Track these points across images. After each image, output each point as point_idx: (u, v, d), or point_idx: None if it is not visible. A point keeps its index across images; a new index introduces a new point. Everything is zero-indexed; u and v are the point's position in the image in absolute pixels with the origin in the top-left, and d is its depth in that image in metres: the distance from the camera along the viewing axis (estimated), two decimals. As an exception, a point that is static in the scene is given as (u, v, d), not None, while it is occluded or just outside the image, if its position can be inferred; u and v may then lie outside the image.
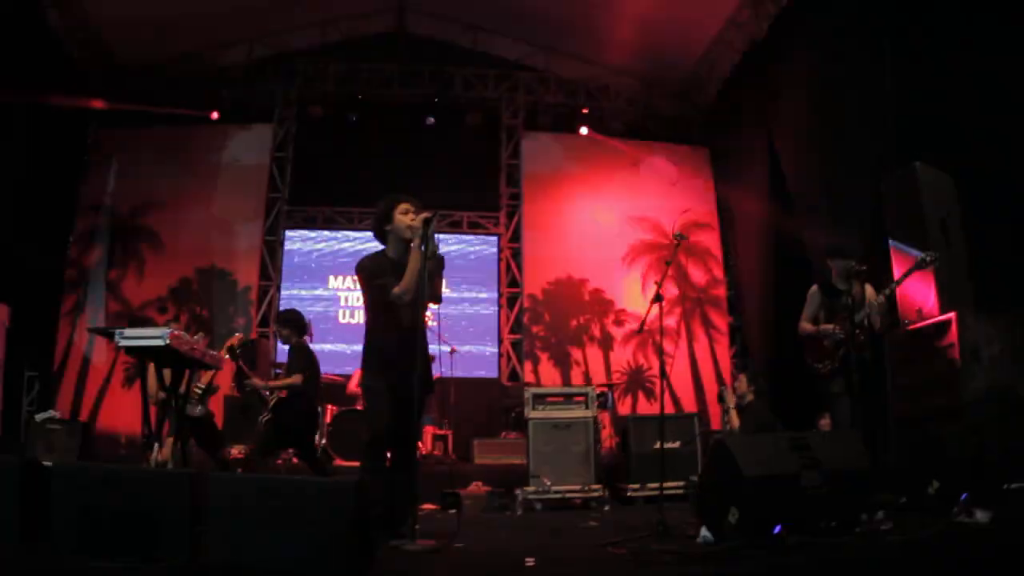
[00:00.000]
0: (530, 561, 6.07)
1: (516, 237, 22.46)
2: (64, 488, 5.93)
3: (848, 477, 6.49)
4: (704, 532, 6.52)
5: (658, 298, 8.56)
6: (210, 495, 5.58)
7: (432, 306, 7.98)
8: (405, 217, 7.73)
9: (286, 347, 12.33)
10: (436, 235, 7.70)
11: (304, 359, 11.71)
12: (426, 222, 7.50)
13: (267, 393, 11.92)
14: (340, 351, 20.45)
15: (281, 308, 20.91)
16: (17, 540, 5.87)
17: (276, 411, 11.63)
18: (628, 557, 6.15)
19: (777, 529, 5.92)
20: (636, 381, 21.20)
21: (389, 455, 7.68)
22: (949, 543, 5.96)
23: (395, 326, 7.67)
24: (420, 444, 16.03)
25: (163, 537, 5.51)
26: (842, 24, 15.19)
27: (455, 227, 22.68)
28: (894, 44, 13.45)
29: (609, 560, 6.19)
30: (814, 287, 10.61)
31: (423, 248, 7.48)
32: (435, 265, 7.68)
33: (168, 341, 8.46)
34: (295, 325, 12.00)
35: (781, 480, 6.12)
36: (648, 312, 8.74)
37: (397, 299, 7.50)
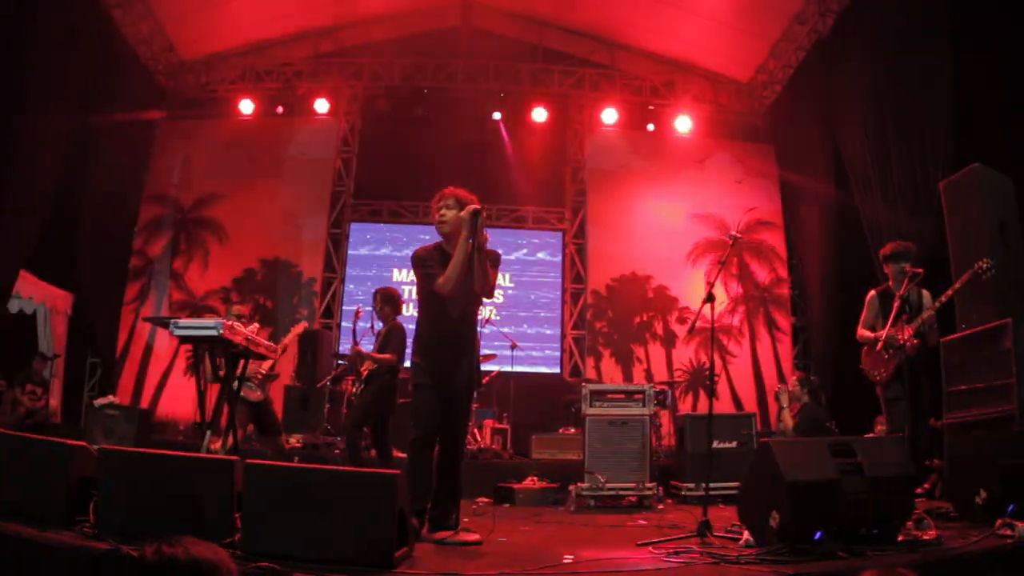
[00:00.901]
0: (568, 558, 6.05)
1: (581, 233, 22.46)
2: (109, 472, 5.99)
3: (891, 484, 6.39)
4: (746, 535, 6.49)
5: (709, 298, 8.49)
6: (251, 483, 5.59)
7: (486, 300, 7.99)
8: (453, 211, 7.69)
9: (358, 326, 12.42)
10: (489, 229, 7.69)
11: (400, 340, 11.77)
12: (473, 214, 7.46)
13: (361, 367, 12.01)
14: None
15: (344, 300, 21.14)
16: (63, 523, 5.93)
17: (367, 383, 11.69)
18: (664, 557, 6.11)
19: (818, 535, 5.87)
20: (698, 379, 21.09)
21: (436, 449, 7.67)
22: (984, 557, 5.88)
23: (442, 318, 7.66)
24: (479, 437, 16.11)
25: (206, 523, 5.54)
26: (904, 21, 15.08)
27: (520, 222, 22.70)
28: (955, 41, 13.34)
29: (646, 559, 6.16)
30: (872, 292, 10.52)
31: (471, 240, 7.44)
32: (485, 258, 7.61)
33: (221, 331, 8.52)
34: (394, 303, 12.07)
35: (822, 485, 6.05)
36: (699, 312, 8.69)
37: (441, 289, 7.48)
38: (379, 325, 12.32)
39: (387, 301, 12.09)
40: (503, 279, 20.33)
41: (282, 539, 5.43)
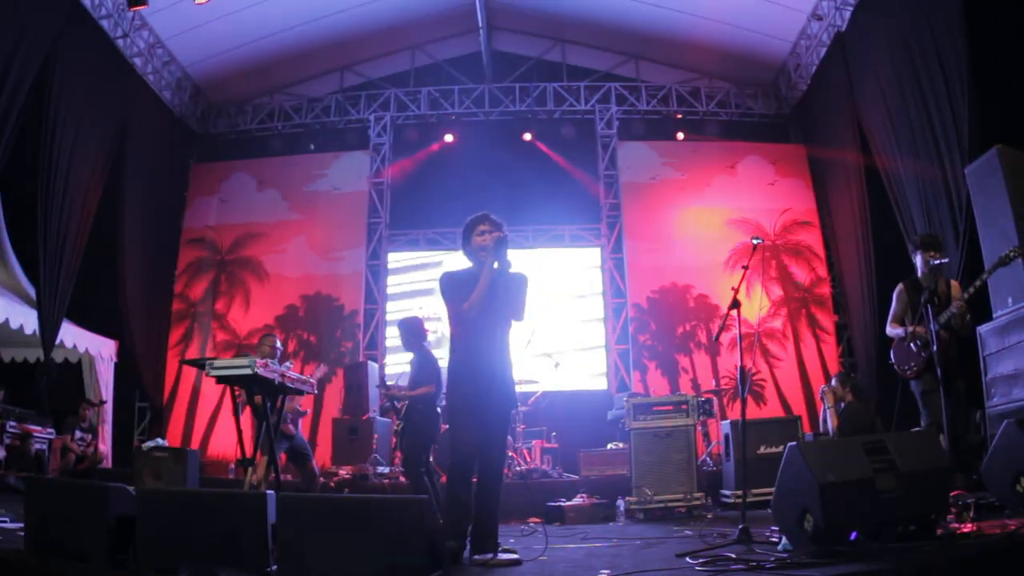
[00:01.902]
0: (604, 573, 6.05)
1: (618, 247, 22.44)
2: (147, 511, 6.10)
3: (926, 479, 6.32)
4: (784, 540, 6.48)
5: (734, 305, 8.46)
6: (285, 515, 5.67)
7: (519, 322, 8.03)
8: (481, 238, 7.75)
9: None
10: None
11: (432, 368, 11.79)
12: (498, 242, 7.59)
13: (399, 404, 12.09)
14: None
15: (387, 330, 21.37)
16: (105, 561, 6.05)
17: (406, 419, 11.75)
18: (700, 568, 6.10)
19: (853, 536, 5.84)
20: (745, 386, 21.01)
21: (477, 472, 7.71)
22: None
23: (472, 342, 7.72)
24: (528, 458, 16.11)
25: (243, 556, 5.61)
26: (919, 6, 15.05)
27: (557, 241, 22.76)
28: (973, 24, 13.28)
29: (679, 571, 6.14)
30: (900, 285, 10.37)
31: (495, 265, 7.58)
32: (511, 283, 7.73)
33: (256, 370, 8.62)
34: (416, 332, 12.10)
35: (855, 485, 5.99)
36: (724, 319, 8.66)
37: (466, 313, 7.56)
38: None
39: (409, 332, 12.13)
40: (540, 299, 20.30)
41: (317, 568, 5.49)
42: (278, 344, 12.75)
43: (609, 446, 16.22)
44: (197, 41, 20.10)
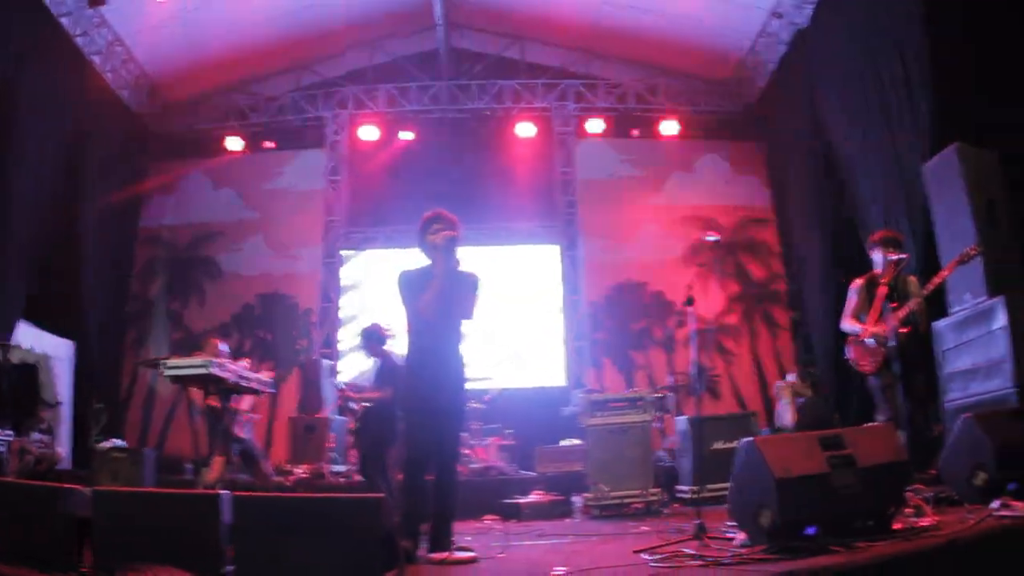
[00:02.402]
0: (559, 570, 6.04)
1: (574, 244, 22.44)
2: (102, 512, 6.05)
3: (884, 473, 6.34)
4: (741, 535, 6.50)
5: (688, 302, 8.51)
6: (240, 515, 5.64)
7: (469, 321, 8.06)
8: (435, 236, 7.81)
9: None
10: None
11: (394, 372, 11.80)
12: (448, 241, 7.68)
13: (356, 405, 12.12)
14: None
15: (342, 329, 21.41)
16: (62, 563, 6.01)
17: (363, 421, 11.75)
18: (655, 563, 6.11)
19: (810, 530, 5.86)
20: (700, 382, 21.09)
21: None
22: (984, 539, 5.86)
23: (425, 340, 7.83)
24: (485, 455, 16.13)
25: (197, 557, 5.58)
26: (880, 4, 15.13)
27: (513, 238, 22.76)
28: (933, 21, 13.34)
29: (635, 567, 6.15)
30: (857, 281, 10.43)
31: (445, 265, 7.69)
32: (462, 283, 7.84)
33: (211, 369, 8.61)
34: (377, 338, 12.09)
35: (812, 480, 6.00)
36: (682, 316, 8.75)
37: (421, 313, 7.66)
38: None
39: (369, 338, 12.16)
40: (500, 296, 20.27)
41: (273, 568, 5.46)
42: (222, 348, 12.71)
43: (564, 442, 16.23)
44: (155, 39, 19.95)
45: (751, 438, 6.51)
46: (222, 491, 5.95)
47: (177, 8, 18.87)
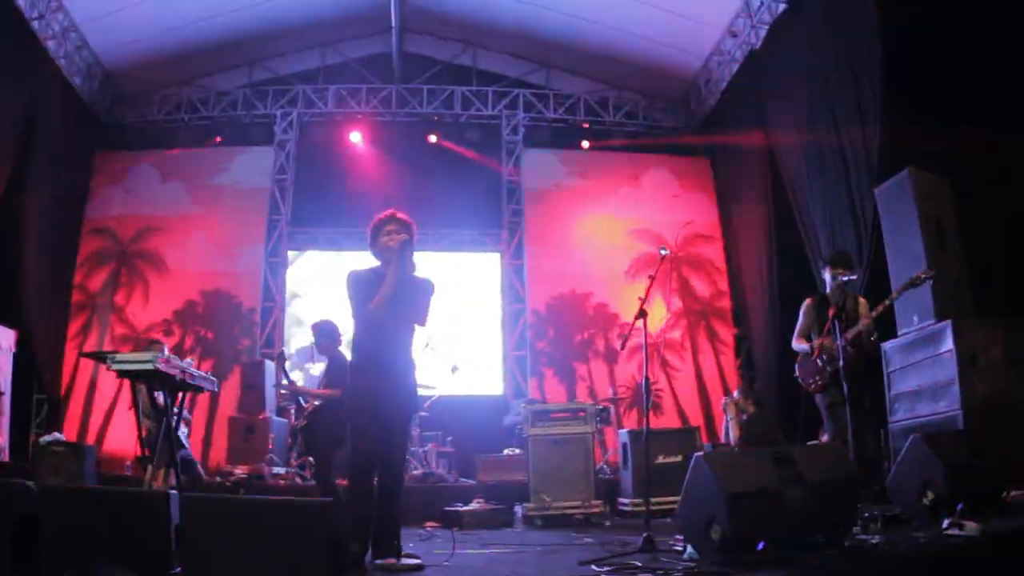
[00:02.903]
0: (509, 579, 6.05)
1: (519, 253, 22.47)
2: (51, 510, 5.93)
3: (834, 490, 6.41)
4: (689, 548, 6.51)
5: (641, 314, 8.54)
6: (189, 516, 5.57)
7: (419, 328, 8.01)
8: (387, 238, 7.71)
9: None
10: (427, 252, 7.83)
11: (341, 373, 11.73)
12: (403, 244, 7.60)
13: (304, 402, 12.00)
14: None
15: (285, 329, 21.34)
16: (8, 562, 5.88)
17: (311, 419, 11.64)
18: (607, 575, 6.11)
19: (761, 546, 5.89)
20: (641, 395, 21.10)
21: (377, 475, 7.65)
22: (934, 557, 5.92)
23: (374, 343, 7.69)
24: (425, 461, 16.08)
25: (147, 557, 5.51)
26: (835, 28, 15.24)
27: (457, 245, 22.75)
28: (884, 44, 13.45)
29: (585, 579, 6.18)
30: (807, 300, 10.55)
31: (399, 270, 7.58)
32: (416, 287, 7.76)
33: (157, 365, 8.54)
34: (331, 336, 11.97)
35: (763, 496, 6.06)
36: (631, 328, 8.73)
37: (371, 314, 7.54)
38: (321, 357, 12.34)
39: (323, 335, 12.01)
40: (441, 303, 20.22)
41: (221, 570, 5.40)
42: (165, 353, 12.60)
43: (506, 452, 16.23)
44: (111, 28, 19.73)
45: (701, 453, 6.54)
46: (171, 491, 5.88)
47: (134, -3, 18.76)
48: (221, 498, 6.80)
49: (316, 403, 11.58)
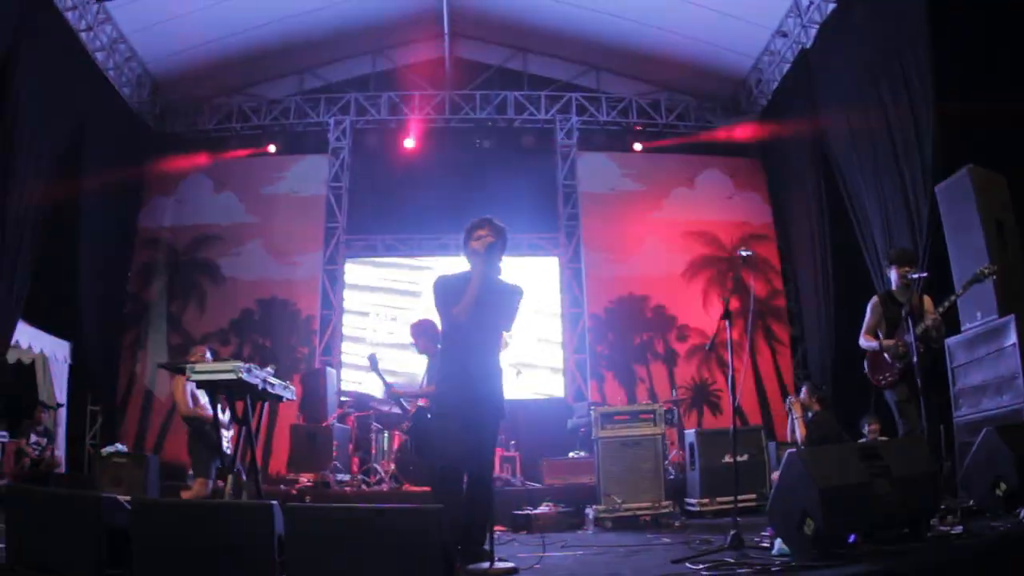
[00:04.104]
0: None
1: (576, 257, 22.50)
2: (143, 523, 5.95)
3: (917, 483, 6.50)
4: (779, 544, 6.50)
5: (727, 314, 8.51)
6: (292, 526, 5.56)
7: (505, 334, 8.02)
8: (478, 242, 7.72)
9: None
10: (501, 258, 7.77)
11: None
12: (488, 248, 7.59)
13: (407, 404, 12.04)
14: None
15: (343, 336, 21.39)
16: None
17: (415, 420, 11.67)
18: (706, 572, 6.11)
19: (852, 539, 5.90)
20: (701, 396, 21.11)
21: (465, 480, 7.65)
22: (1015, 543, 5.92)
23: (461, 347, 7.71)
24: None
25: (248, 570, 5.51)
26: (885, 27, 15.18)
27: (514, 250, 22.53)
28: (939, 42, 13.39)
29: (687, 575, 6.15)
30: (875, 298, 10.53)
31: (484, 274, 7.59)
32: (504, 293, 7.82)
33: (240, 375, 8.56)
34: (428, 334, 11.97)
35: (853, 490, 6.12)
36: (718, 330, 8.68)
37: (454, 318, 7.57)
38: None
39: (421, 334, 12.06)
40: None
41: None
42: (208, 356, 12.63)
43: (571, 455, 16.21)
44: (159, 38, 19.94)
45: (793, 450, 6.56)
46: (272, 502, 5.88)
47: (182, 8, 18.89)
48: (329, 507, 6.76)
49: (420, 404, 11.60)
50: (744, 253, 8.97)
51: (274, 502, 5.85)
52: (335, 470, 15.91)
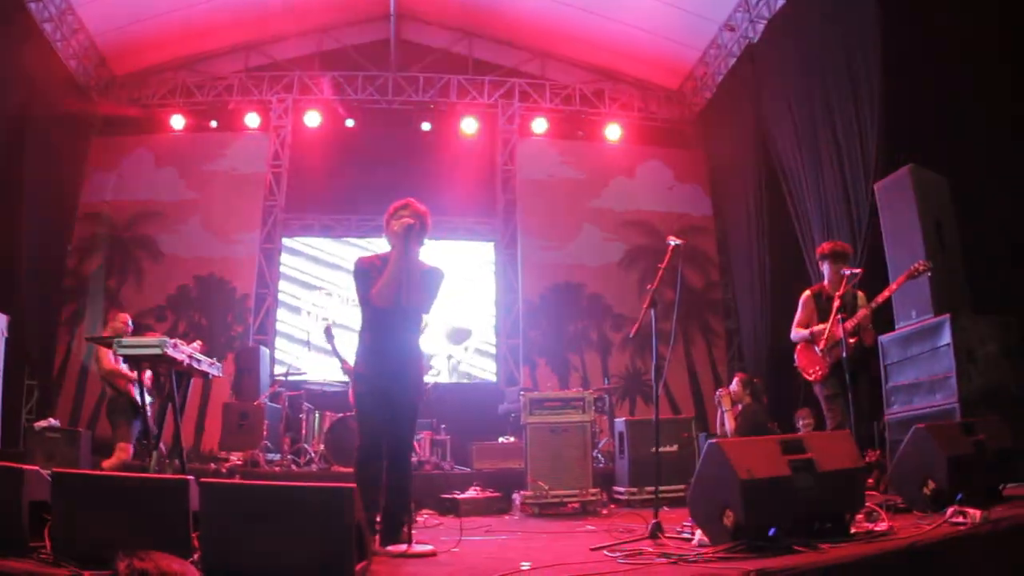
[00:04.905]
0: (526, 565, 6.05)
1: (513, 243, 22.54)
2: (63, 496, 5.92)
3: (841, 478, 6.49)
4: (699, 535, 6.55)
5: (653, 304, 8.55)
6: (206, 502, 5.55)
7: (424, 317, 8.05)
8: (398, 222, 7.68)
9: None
10: (421, 240, 7.80)
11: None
12: (406, 229, 7.55)
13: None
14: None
15: (278, 316, 21.21)
16: (19, 550, 5.86)
17: None
18: (622, 560, 6.15)
19: (772, 532, 5.94)
20: (634, 386, 21.21)
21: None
22: (942, 544, 5.99)
23: (380, 329, 7.72)
24: (417, 449, 16.06)
25: (163, 544, 5.50)
26: (833, 23, 15.29)
27: (451, 233, 22.70)
28: (886, 44, 13.50)
29: (603, 563, 6.18)
30: (806, 292, 10.63)
31: (401, 255, 7.57)
32: (424, 275, 7.82)
33: (165, 350, 8.57)
34: None
35: (775, 482, 6.09)
36: (642, 318, 8.73)
37: (374, 300, 7.58)
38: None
39: None
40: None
41: (241, 558, 5.37)
42: (129, 324, 12.66)
43: (501, 439, 16.25)
44: (107, 10, 19.67)
45: (714, 440, 6.59)
46: (188, 477, 5.89)
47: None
48: (241, 483, 6.75)
49: None
50: (674, 242, 9.00)
51: (190, 477, 5.85)
52: (265, 449, 15.89)
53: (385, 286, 7.49)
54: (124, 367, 11.94)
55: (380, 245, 9.09)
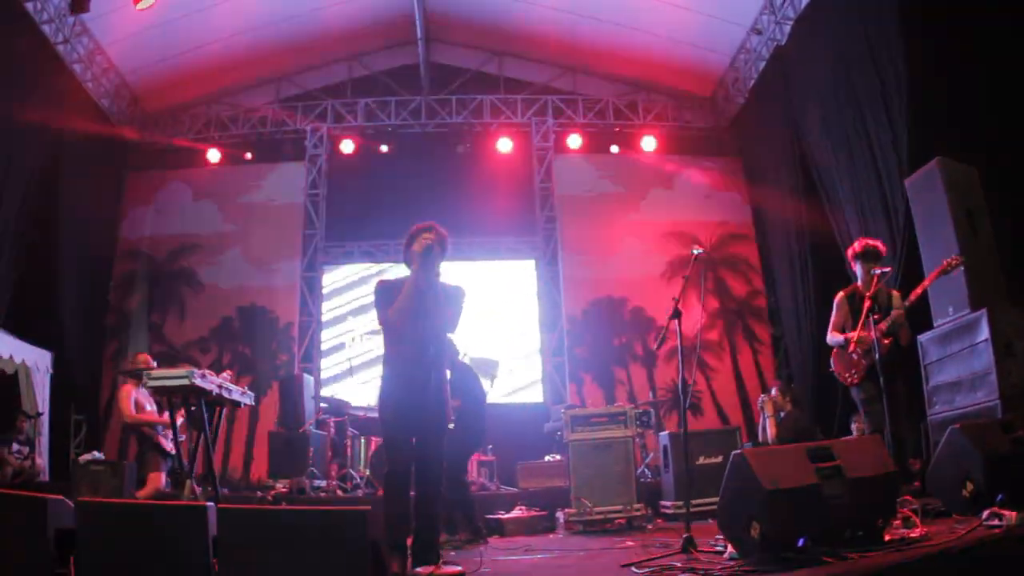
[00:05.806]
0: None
1: (554, 260, 22.45)
2: (87, 524, 5.93)
3: (872, 484, 6.36)
4: (730, 548, 6.46)
5: (675, 315, 8.47)
6: (225, 527, 5.54)
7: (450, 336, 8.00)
8: (417, 244, 7.65)
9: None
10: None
11: (464, 384, 11.80)
12: (425, 249, 7.52)
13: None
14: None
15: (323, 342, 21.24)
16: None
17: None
18: (648, 576, 6.09)
19: (801, 542, 5.83)
20: (680, 397, 21.09)
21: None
22: (975, 549, 5.85)
23: (402, 351, 7.64)
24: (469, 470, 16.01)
25: (184, 570, 5.50)
26: (857, 21, 15.19)
27: (492, 253, 22.70)
28: (910, 37, 13.38)
29: (629, 580, 6.14)
30: (840, 294, 10.46)
31: (419, 276, 7.54)
32: (445, 294, 7.70)
33: (193, 380, 8.58)
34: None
35: (802, 492, 6.00)
36: (667, 329, 8.66)
37: (390, 321, 7.53)
38: None
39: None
40: (478, 311, 20.14)
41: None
42: (153, 363, 12.67)
43: (547, 458, 16.19)
44: (136, 49, 19.89)
45: (740, 451, 6.48)
46: (207, 503, 5.87)
47: (158, 18, 18.67)
48: (258, 508, 6.74)
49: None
50: (696, 251, 8.92)
51: (210, 504, 5.84)
52: (312, 476, 15.89)
53: (400, 303, 7.46)
54: (148, 411, 11.97)
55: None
